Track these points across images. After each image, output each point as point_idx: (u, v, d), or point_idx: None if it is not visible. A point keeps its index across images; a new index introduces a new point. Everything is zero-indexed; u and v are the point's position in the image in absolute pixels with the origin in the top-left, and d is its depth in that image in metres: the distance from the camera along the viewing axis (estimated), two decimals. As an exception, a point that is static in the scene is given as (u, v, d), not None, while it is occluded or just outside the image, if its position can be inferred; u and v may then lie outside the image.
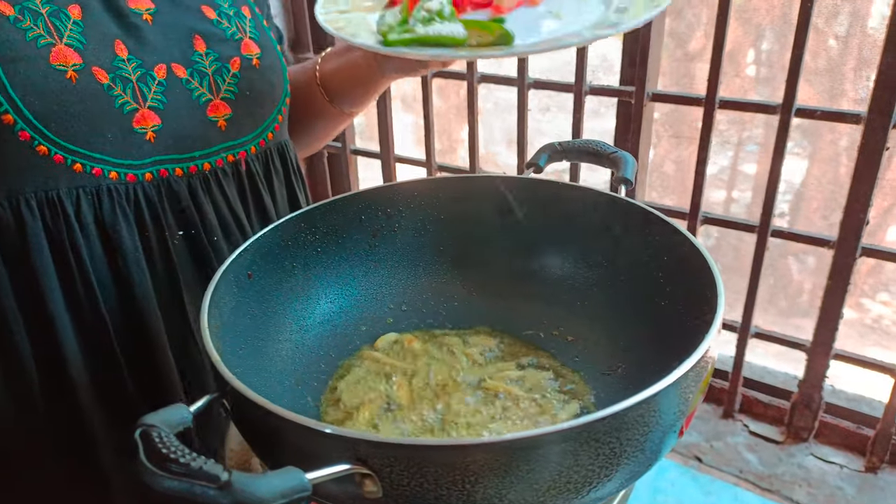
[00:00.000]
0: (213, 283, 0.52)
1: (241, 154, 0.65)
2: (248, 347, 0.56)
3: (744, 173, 2.77)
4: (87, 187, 0.55)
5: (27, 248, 0.54)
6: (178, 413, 0.39)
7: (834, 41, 2.13)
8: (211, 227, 0.62)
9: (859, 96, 2.01)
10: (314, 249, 0.65)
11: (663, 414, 0.40)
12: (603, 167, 0.73)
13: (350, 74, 0.73)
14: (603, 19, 0.53)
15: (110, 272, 0.58)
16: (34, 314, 0.55)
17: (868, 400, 1.22)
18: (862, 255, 1.02)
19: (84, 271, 0.56)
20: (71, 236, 0.55)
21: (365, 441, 0.37)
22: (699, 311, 0.50)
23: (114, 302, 0.58)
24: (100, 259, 0.57)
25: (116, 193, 0.57)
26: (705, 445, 1.23)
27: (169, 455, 0.34)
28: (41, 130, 0.52)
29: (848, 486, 1.12)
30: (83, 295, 0.56)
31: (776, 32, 2.31)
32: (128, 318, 0.59)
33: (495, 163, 3.24)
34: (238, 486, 0.32)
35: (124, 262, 0.58)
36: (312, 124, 0.80)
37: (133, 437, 0.35)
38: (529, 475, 0.37)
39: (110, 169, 0.56)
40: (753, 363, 1.30)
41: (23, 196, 0.53)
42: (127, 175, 0.57)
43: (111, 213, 0.57)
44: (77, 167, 0.54)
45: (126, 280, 0.58)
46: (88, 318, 0.57)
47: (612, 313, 0.63)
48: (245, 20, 0.66)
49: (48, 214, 0.54)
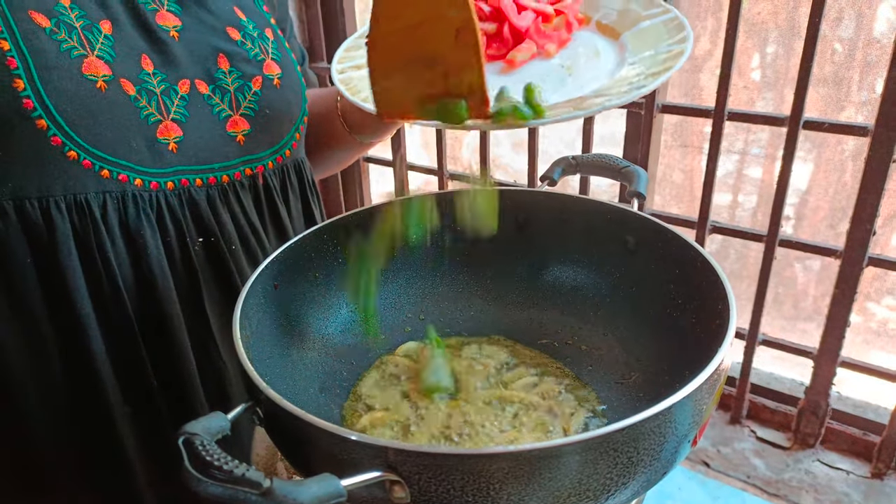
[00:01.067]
0: (242, 294, 0.54)
1: (259, 168, 0.68)
2: (274, 356, 0.58)
3: (749, 177, 2.78)
4: (114, 192, 0.58)
5: (55, 247, 0.56)
6: (217, 421, 0.41)
7: (840, 45, 2.14)
8: (229, 236, 0.65)
9: (865, 99, 2.02)
10: (336, 260, 0.67)
11: (678, 424, 0.41)
12: (615, 181, 0.75)
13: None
14: (622, 76, 0.53)
15: (134, 274, 0.60)
16: (62, 313, 0.58)
17: (874, 407, 1.23)
18: (869, 265, 1.04)
19: (110, 273, 0.58)
20: (98, 238, 0.57)
21: (395, 449, 0.39)
22: (711, 323, 0.52)
23: (138, 303, 0.60)
24: (125, 261, 0.59)
25: (141, 199, 0.59)
26: (713, 451, 1.25)
27: (213, 462, 0.36)
28: (71, 136, 0.54)
29: (854, 492, 1.14)
30: (109, 295, 0.59)
31: (782, 36, 2.32)
32: (152, 319, 0.61)
33: (500, 166, 3.25)
34: (279, 491, 0.34)
35: (148, 266, 0.60)
36: (332, 152, 0.83)
37: (177, 444, 0.38)
38: (551, 483, 0.39)
39: (135, 176, 0.59)
40: (761, 370, 1.31)
41: (52, 198, 0.55)
42: (151, 183, 0.60)
43: (136, 218, 0.59)
44: (104, 173, 0.57)
45: (150, 282, 0.60)
46: (115, 317, 0.59)
47: (625, 324, 0.65)
48: (268, 41, 0.69)
49: (76, 216, 0.56)
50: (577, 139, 1.37)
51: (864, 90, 2.08)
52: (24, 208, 0.55)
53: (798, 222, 2.57)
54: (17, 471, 0.61)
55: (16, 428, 0.59)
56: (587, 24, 0.60)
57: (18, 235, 0.55)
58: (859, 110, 2.14)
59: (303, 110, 0.72)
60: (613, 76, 0.53)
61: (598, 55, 0.56)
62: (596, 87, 0.52)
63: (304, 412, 0.41)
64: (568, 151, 2.74)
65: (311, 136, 0.77)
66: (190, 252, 0.63)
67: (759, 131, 2.53)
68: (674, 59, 0.50)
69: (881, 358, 2.32)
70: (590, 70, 0.54)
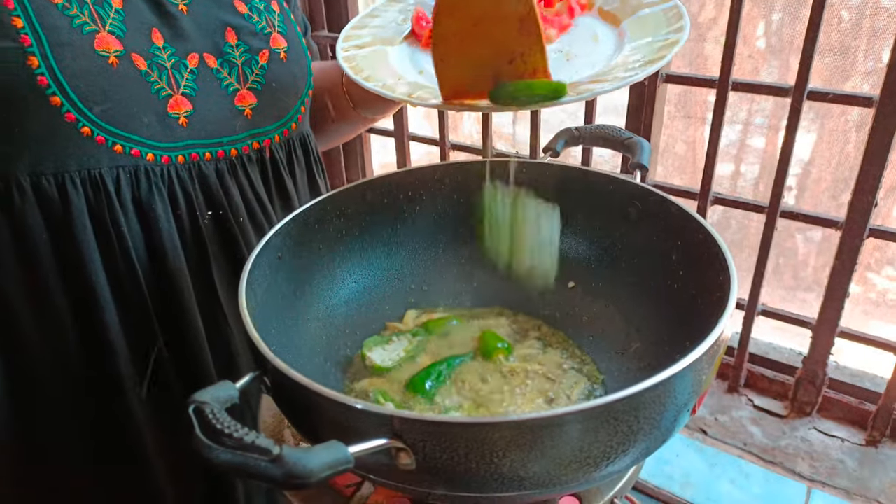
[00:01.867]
0: (248, 266, 0.54)
1: (266, 142, 0.68)
2: (279, 326, 0.59)
3: (752, 147, 2.77)
4: (127, 167, 0.58)
5: (70, 222, 0.57)
6: (225, 390, 0.42)
7: (847, 13, 2.11)
8: (237, 208, 0.66)
9: (871, 68, 2.00)
10: (339, 232, 0.68)
11: (678, 394, 0.42)
12: (618, 152, 0.75)
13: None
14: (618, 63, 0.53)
15: (146, 248, 0.61)
16: (76, 286, 0.59)
17: (871, 376, 1.24)
18: (869, 236, 1.04)
19: (124, 246, 0.59)
20: (112, 213, 0.58)
21: (401, 418, 0.40)
22: (711, 295, 0.53)
23: (150, 275, 0.61)
24: (137, 235, 0.60)
25: (153, 174, 0.60)
26: (710, 419, 1.27)
27: (224, 430, 0.37)
28: (84, 112, 0.55)
29: (849, 459, 1.16)
30: (122, 269, 0.60)
31: (788, 3, 2.28)
32: (163, 291, 0.62)
33: (502, 136, 3.23)
34: (289, 458, 0.35)
35: (159, 239, 0.61)
36: (336, 125, 0.83)
37: (187, 413, 0.39)
38: (553, 450, 0.40)
39: (147, 151, 0.59)
40: (759, 339, 1.32)
41: (67, 173, 0.56)
42: (162, 157, 0.60)
43: (148, 192, 0.60)
44: (117, 148, 0.57)
45: (161, 255, 0.61)
46: (127, 290, 0.60)
47: (626, 294, 0.66)
48: (274, 15, 0.68)
49: (90, 191, 0.57)
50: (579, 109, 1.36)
51: (871, 59, 2.05)
52: (40, 184, 0.56)
53: (800, 192, 2.57)
54: (26, 439, 0.62)
55: (29, 397, 0.61)
56: (590, 9, 0.60)
57: (34, 210, 0.56)
58: (865, 79, 2.12)
59: (308, 84, 0.72)
60: (610, 62, 0.53)
61: (596, 41, 0.56)
62: (591, 73, 0.52)
63: (311, 381, 0.42)
64: (570, 121, 2.72)
65: (316, 110, 0.77)
66: (199, 225, 0.63)
67: (763, 101, 2.51)
68: (668, 48, 0.50)
69: (880, 328, 2.34)
70: (588, 55, 0.55)
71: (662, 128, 1.23)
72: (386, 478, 0.44)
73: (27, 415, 0.61)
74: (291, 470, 0.35)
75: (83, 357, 0.61)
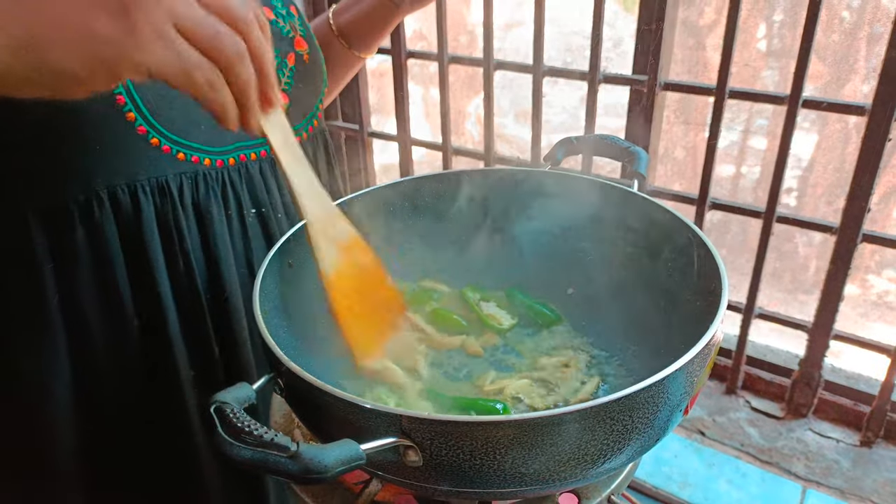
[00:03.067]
0: (260, 272, 0.56)
1: (297, 139, 0.71)
2: (291, 329, 0.61)
3: (753, 149, 2.78)
4: (188, 173, 0.63)
5: (140, 227, 0.61)
6: (244, 391, 0.44)
7: (847, 13, 2.13)
8: (276, 204, 0.70)
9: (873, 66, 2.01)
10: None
11: (671, 395, 0.45)
12: (617, 160, 0.77)
13: (367, 20, 0.81)
14: None
15: (203, 248, 0.65)
16: (143, 288, 0.63)
17: (866, 378, 1.26)
18: (863, 241, 1.06)
19: (184, 248, 0.63)
20: (175, 217, 0.62)
21: (408, 417, 0.42)
22: (705, 299, 0.55)
23: (204, 274, 0.65)
24: (195, 237, 0.64)
25: (210, 178, 0.64)
26: (708, 420, 1.29)
27: (244, 428, 0.39)
28: (154, 124, 0.59)
29: (844, 460, 1.18)
30: (182, 270, 0.64)
31: (788, 4, 2.30)
32: (215, 289, 0.66)
33: (504, 137, 3.25)
34: (306, 455, 0.37)
35: (213, 239, 0.65)
36: (333, 72, 0.86)
37: (208, 412, 0.41)
38: (552, 448, 0.42)
39: (205, 156, 0.63)
40: (756, 342, 1.35)
41: (139, 183, 0.60)
42: (217, 161, 0.65)
43: (205, 196, 0.64)
44: (180, 156, 0.62)
45: (214, 255, 0.66)
46: (185, 290, 0.64)
47: (624, 297, 0.68)
48: (294, 18, 0.72)
49: (158, 198, 0.61)
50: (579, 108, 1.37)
51: (873, 58, 2.07)
52: (116, 195, 0.60)
53: (801, 193, 2.58)
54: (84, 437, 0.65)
55: (93, 388, 0.64)
56: None
57: (110, 220, 0.60)
58: (865, 80, 2.14)
59: (324, 82, 0.76)
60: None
61: None
62: None
63: (324, 383, 0.44)
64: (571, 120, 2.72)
65: None
66: (245, 224, 0.68)
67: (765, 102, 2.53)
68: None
69: (880, 330, 2.35)
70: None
71: (662, 133, 1.26)
72: (394, 474, 0.46)
73: (89, 408, 0.64)
74: (308, 465, 0.37)
75: (144, 354, 0.64)
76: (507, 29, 2.67)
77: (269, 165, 0.69)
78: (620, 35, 2.55)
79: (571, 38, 2.77)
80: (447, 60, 1.35)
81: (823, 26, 0.96)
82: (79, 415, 0.64)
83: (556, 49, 1.11)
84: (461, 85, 2.95)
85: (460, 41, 2.97)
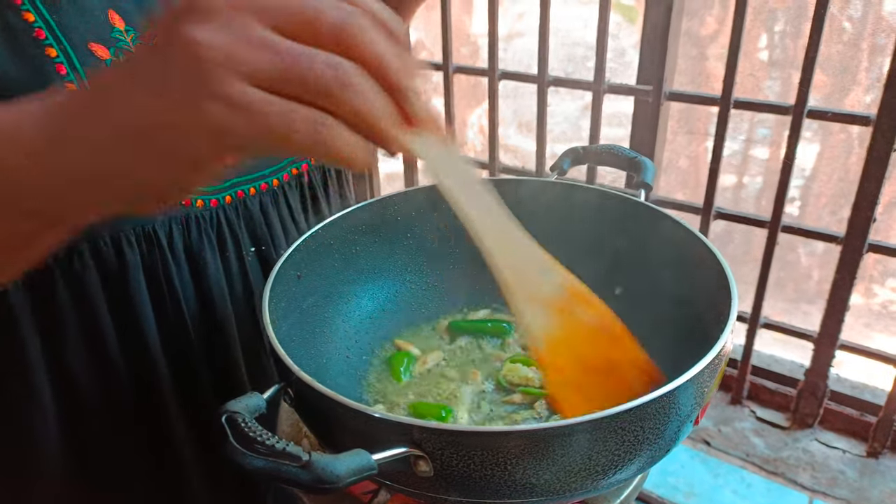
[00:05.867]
0: (269, 283, 0.56)
1: (304, 167, 0.69)
2: (298, 339, 0.61)
3: (755, 158, 2.79)
4: (178, 217, 0.58)
5: (125, 278, 0.57)
6: (254, 400, 0.44)
7: (848, 24, 2.14)
8: (278, 239, 0.66)
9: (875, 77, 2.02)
10: (352, 249, 0.70)
11: (682, 406, 0.45)
12: (623, 170, 0.77)
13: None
14: None
15: (196, 293, 0.61)
16: (129, 336, 0.59)
17: (871, 388, 1.26)
18: (868, 251, 1.06)
19: (175, 297, 0.59)
20: (164, 265, 0.58)
21: (420, 427, 0.42)
22: (713, 310, 0.55)
23: (198, 318, 0.62)
24: (187, 283, 0.60)
25: (202, 220, 0.60)
26: (714, 430, 1.29)
27: (256, 438, 0.39)
28: None
29: (850, 470, 1.18)
30: (173, 318, 0.60)
31: (789, 15, 2.31)
32: (209, 331, 0.63)
33: (507, 147, 3.26)
34: (318, 464, 0.37)
35: (208, 284, 0.61)
36: None
37: (220, 422, 0.41)
38: (563, 458, 0.42)
39: (197, 198, 0.59)
40: (761, 352, 1.34)
41: (123, 233, 0.56)
42: (211, 201, 0.60)
43: (198, 240, 0.60)
44: None
45: (209, 299, 0.62)
46: (177, 337, 0.61)
47: (632, 309, 0.68)
48: None
49: (145, 247, 0.57)
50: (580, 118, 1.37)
51: (875, 69, 2.08)
52: (98, 247, 0.55)
53: (804, 202, 2.59)
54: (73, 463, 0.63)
55: (79, 425, 0.61)
56: None
57: (93, 273, 0.56)
58: (868, 91, 2.15)
59: None
60: None
61: None
62: None
63: (334, 392, 0.44)
64: (572, 130, 2.72)
65: None
66: (245, 264, 0.64)
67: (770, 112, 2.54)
68: None
69: (884, 339, 2.35)
70: None
71: (665, 143, 1.26)
72: (404, 485, 0.46)
73: (75, 438, 0.62)
74: (320, 475, 0.37)
75: (131, 395, 0.61)
76: (508, 39, 2.69)
77: (269, 198, 0.65)
78: (622, 46, 2.56)
79: (573, 49, 2.79)
80: (452, 71, 1.36)
81: (825, 37, 0.97)
82: (67, 468, 0.62)
83: (557, 59, 1.12)
84: (463, 94, 2.96)
85: (462, 52, 2.98)
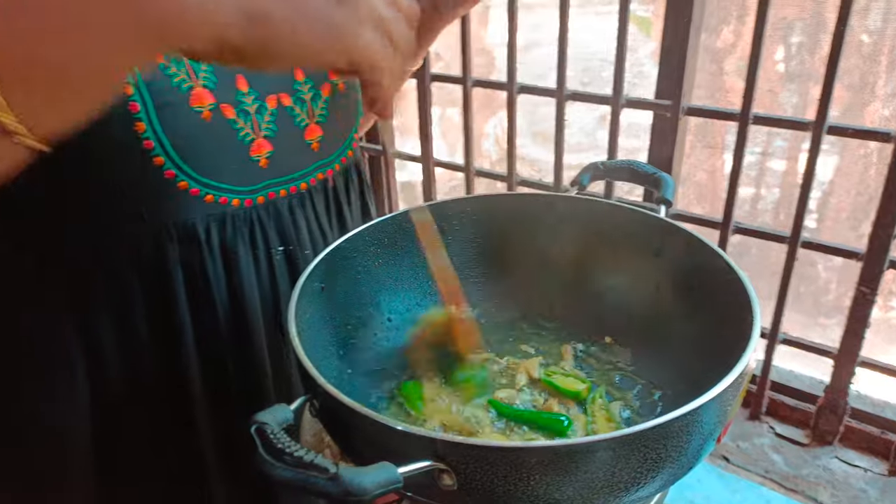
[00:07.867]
0: (295, 294, 0.57)
1: (329, 172, 0.71)
2: (323, 351, 0.62)
3: (772, 170, 2.77)
4: (216, 215, 0.61)
5: (165, 273, 0.59)
6: (282, 412, 0.45)
7: (867, 37, 2.12)
8: (304, 241, 0.69)
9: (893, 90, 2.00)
10: (375, 261, 0.71)
11: (705, 423, 0.45)
12: (642, 186, 0.78)
13: None
14: None
15: (228, 290, 0.64)
16: (163, 328, 0.61)
17: (893, 406, 1.25)
18: (889, 267, 1.05)
19: (209, 291, 0.62)
20: (201, 260, 0.61)
21: (444, 441, 0.43)
22: (736, 328, 0.55)
23: (228, 315, 0.64)
24: (221, 279, 0.63)
25: (237, 218, 0.63)
26: (732, 446, 1.28)
27: (284, 449, 0.40)
28: (182, 167, 0.57)
29: (871, 489, 1.16)
30: (205, 311, 0.62)
31: (806, 26, 2.29)
32: (238, 328, 0.65)
33: (521, 156, 3.26)
34: (346, 476, 0.38)
35: (239, 280, 0.64)
36: None
37: (250, 433, 0.42)
38: (586, 475, 0.43)
39: (233, 197, 0.62)
40: (781, 367, 1.33)
41: (165, 229, 0.59)
42: (245, 201, 0.63)
43: (233, 237, 0.63)
44: (209, 198, 0.60)
45: (239, 296, 0.64)
46: (208, 329, 0.63)
47: (655, 326, 0.68)
48: None
49: (185, 242, 0.60)
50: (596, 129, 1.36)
51: (893, 82, 2.06)
52: (140, 241, 0.58)
53: (821, 216, 2.56)
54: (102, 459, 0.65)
55: (110, 415, 0.63)
56: None
57: (134, 267, 0.58)
58: (886, 104, 2.13)
59: (359, 111, 0.75)
60: None
61: None
62: None
63: (360, 405, 0.45)
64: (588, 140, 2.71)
65: None
66: (272, 262, 0.66)
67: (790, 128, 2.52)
68: None
69: (901, 356, 2.31)
70: None
71: (684, 158, 1.26)
72: (428, 497, 0.46)
73: (106, 436, 0.64)
74: (348, 487, 0.38)
75: (162, 391, 0.64)
76: (524, 50, 2.70)
77: (297, 201, 0.68)
78: (638, 57, 2.56)
79: (589, 61, 2.79)
80: (471, 84, 1.37)
81: (843, 50, 0.97)
82: (93, 444, 0.63)
83: (572, 70, 1.12)
84: (479, 105, 2.96)
85: (476, 61, 2.99)
